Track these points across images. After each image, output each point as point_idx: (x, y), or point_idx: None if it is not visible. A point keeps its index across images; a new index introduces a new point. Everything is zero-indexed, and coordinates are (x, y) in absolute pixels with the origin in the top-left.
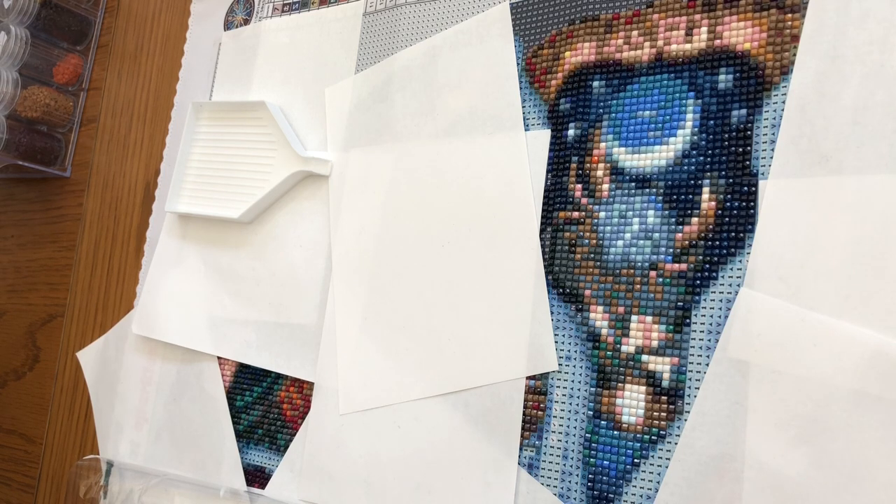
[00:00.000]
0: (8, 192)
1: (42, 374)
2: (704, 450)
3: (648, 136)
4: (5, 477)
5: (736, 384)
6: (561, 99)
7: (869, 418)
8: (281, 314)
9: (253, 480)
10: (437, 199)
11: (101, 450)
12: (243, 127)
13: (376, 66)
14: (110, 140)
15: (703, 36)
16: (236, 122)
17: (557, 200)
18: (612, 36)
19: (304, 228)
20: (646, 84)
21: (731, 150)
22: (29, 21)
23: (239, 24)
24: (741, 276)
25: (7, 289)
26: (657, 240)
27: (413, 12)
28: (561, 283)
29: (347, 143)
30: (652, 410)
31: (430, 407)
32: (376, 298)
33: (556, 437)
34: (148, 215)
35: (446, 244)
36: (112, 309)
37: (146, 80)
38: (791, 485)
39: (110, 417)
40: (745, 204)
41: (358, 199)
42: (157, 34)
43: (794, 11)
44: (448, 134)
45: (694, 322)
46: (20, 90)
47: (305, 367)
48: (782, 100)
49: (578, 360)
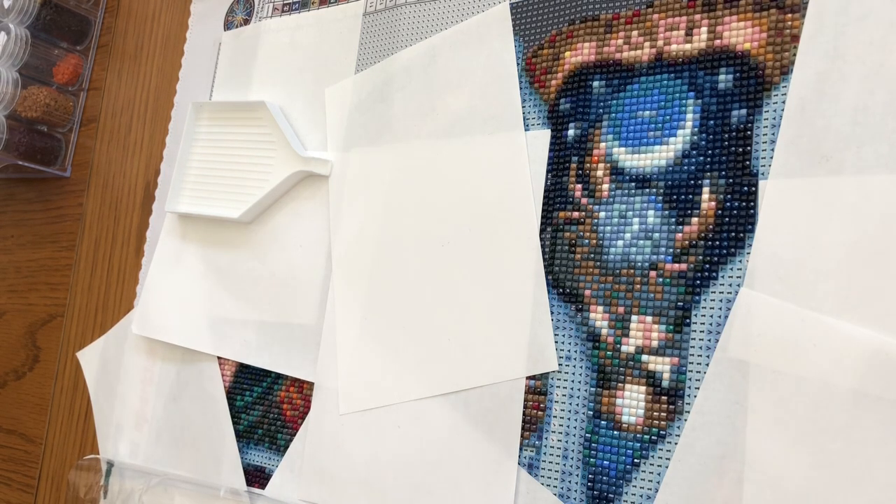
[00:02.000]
0: (8, 192)
1: (42, 374)
2: (704, 450)
3: (648, 136)
4: (5, 477)
5: (736, 384)
6: (561, 99)
7: (869, 418)
8: (281, 314)
9: (253, 480)
10: (437, 199)
11: (101, 450)
12: (243, 127)
13: (376, 66)
14: (110, 140)
15: (703, 36)
16: (236, 122)
17: (557, 200)
18: (612, 36)
19: (304, 228)
20: (646, 84)
21: (731, 150)
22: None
23: (239, 24)
24: (741, 276)
25: (7, 289)
26: (657, 240)
27: (413, 12)
28: (561, 283)
29: (347, 143)
30: (652, 410)
31: (430, 407)
32: (376, 298)
33: (556, 437)
34: (148, 215)
35: (446, 244)
36: (112, 309)
37: (146, 80)
38: (791, 485)
39: (110, 417)
40: (745, 204)
41: (358, 199)
42: (157, 34)
43: (794, 11)
44: (448, 134)
45: (694, 322)
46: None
47: (305, 367)
48: (782, 100)
49: (578, 360)
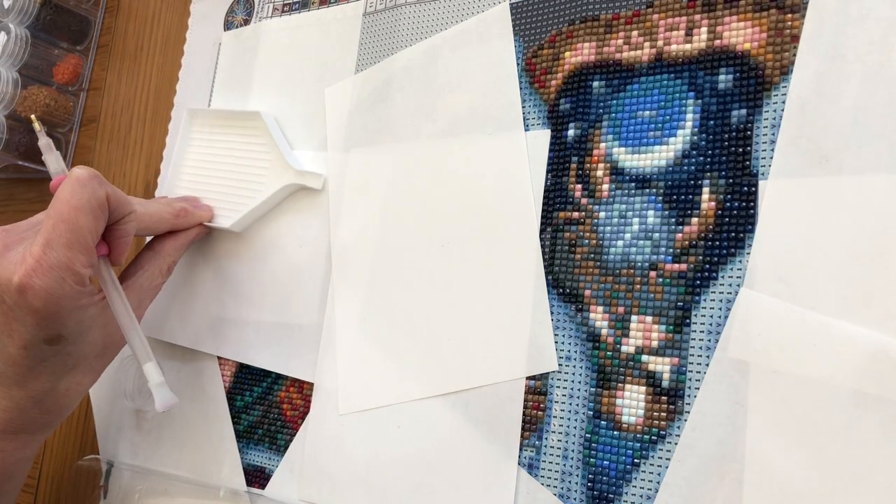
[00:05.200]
0: (8, 192)
1: None
2: (704, 450)
3: (648, 136)
4: None
5: (736, 384)
6: (561, 99)
7: (869, 418)
8: (281, 314)
9: (253, 480)
10: (437, 200)
11: (101, 450)
12: (238, 136)
13: (376, 66)
14: (110, 140)
15: (703, 36)
16: (231, 131)
17: (557, 200)
18: (612, 36)
19: (304, 229)
20: (646, 84)
21: (731, 150)
22: (29, 21)
23: (239, 24)
24: (741, 276)
25: None
26: (657, 240)
27: (413, 12)
28: (561, 283)
29: (347, 144)
30: (652, 411)
31: (430, 407)
32: (376, 298)
33: (556, 437)
34: None
35: (446, 244)
36: None
37: (146, 80)
38: (791, 485)
39: (110, 417)
40: (745, 204)
41: (358, 200)
42: (157, 34)
43: (794, 11)
44: (448, 134)
45: (694, 322)
46: (20, 90)
47: (305, 367)
48: (782, 100)
49: (578, 360)
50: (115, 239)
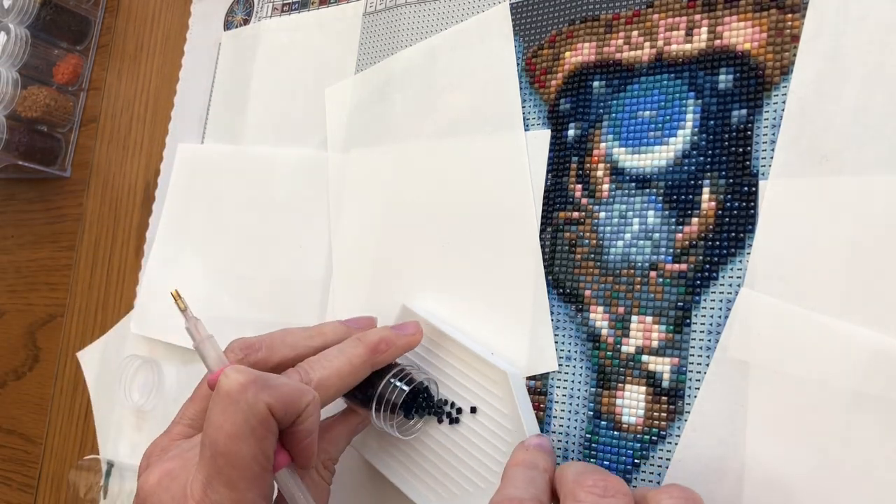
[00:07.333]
0: (8, 192)
1: (42, 374)
2: (704, 450)
3: (648, 136)
4: (5, 477)
5: (736, 384)
6: (561, 99)
7: (869, 418)
8: (281, 314)
9: None
10: (437, 200)
11: (101, 450)
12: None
13: (376, 66)
14: (110, 140)
15: (703, 36)
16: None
17: (557, 200)
18: (612, 36)
19: (304, 228)
20: (646, 84)
21: (731, 150)
22: (29, 21)
23: (239, 24)
24: (741, 276)
25: (7, 289)
26: (657, 240)
27: (413, 12)
28: (561, 283)
29: (347, 144)
30: (652, 411)
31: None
32: (376, 298)
33: (556, 437)
34: (148, 215)
35: (446, 244)
36: (112, 309)
37: (146, 80)
38: (791, 485)
39: (110, 417)
40: (745, 204)
41: (358, 199)
42: (157, 34)
43: (794, 11)
44: (448, 134)
45: (694, 322)
46: (20, 90)
47: None
48: (782, 100)
49: (578, 361)
50: (295, 445)
